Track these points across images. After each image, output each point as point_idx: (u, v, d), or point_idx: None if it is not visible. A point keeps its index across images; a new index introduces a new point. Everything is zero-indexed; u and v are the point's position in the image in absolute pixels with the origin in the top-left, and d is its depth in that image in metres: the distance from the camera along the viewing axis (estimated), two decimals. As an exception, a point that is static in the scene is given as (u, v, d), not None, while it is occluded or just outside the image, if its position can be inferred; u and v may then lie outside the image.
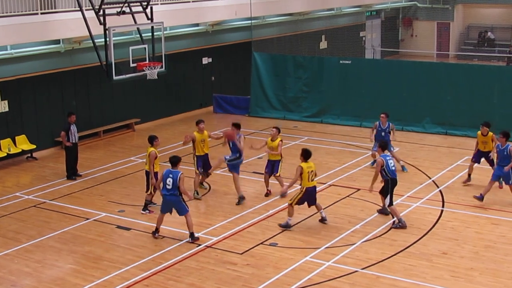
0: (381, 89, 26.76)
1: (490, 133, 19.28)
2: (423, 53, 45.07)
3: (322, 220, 16.61)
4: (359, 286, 13.42)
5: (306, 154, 16.20)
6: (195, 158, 18.66)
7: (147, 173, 17.46)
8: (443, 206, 17.78)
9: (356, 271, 14.05)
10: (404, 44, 48.07)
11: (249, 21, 30.34)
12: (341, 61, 28.17)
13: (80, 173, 20.98)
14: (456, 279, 13.66)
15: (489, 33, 46.14)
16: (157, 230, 16.02)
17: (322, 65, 28.35)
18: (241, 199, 18.13)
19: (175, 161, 15.68)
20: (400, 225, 16.21)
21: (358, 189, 19.04)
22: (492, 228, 16.34)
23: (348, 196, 18.62)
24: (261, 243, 15.46)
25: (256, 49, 29.91)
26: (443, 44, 47.38)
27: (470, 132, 24.58)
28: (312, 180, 16.15)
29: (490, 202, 17.97)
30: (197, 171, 18.66)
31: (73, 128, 20.67)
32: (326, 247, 15.23)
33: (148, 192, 17.58)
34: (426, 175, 20.06)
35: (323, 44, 38.26)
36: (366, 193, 18.61)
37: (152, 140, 17.50)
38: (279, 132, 18.65)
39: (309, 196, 16.21)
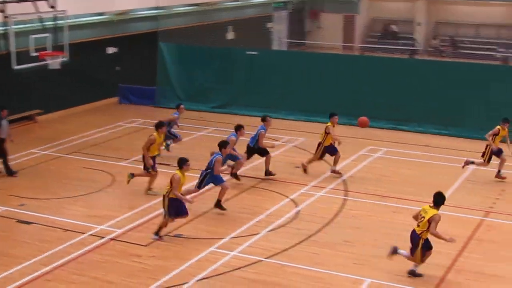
0: (288, 80, 27.03)
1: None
2: (330, 45, 45.79)
3: None
4: (264, 275, 13.53)
5: None
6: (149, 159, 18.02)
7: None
8: (346, 195, 18.13)
9: (261, 260, 14.16)
10: (311, 36, 48.67)
11: (156, 11, 30.06)
12: (248, 52, 28.28)
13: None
14: (358, 266, 13.97)
15: (393, 26, 47.29)
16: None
17: (229, 56, 28.38)
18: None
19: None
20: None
21: (263, 179, 19.13)
22: (393, 216, 16.80)
23: (252, 186, 18.71)
24: (166, 235, 15.34)
25: (162, 40, 29.66)
26: (349, 36, 48.20)
27: (373, 123, 25.12)
28: None
29: (390, 191, 18.47)
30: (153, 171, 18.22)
31: (3, 122, 19.55)
32: (231, 237, 15.27)
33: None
34: (330, 165, 20.38)
35: (231, 35, 38.29)
36: (271, 183, 18.78)
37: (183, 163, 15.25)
38: None
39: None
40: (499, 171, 19.53)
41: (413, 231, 13.38)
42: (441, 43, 45.90)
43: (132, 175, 18.13)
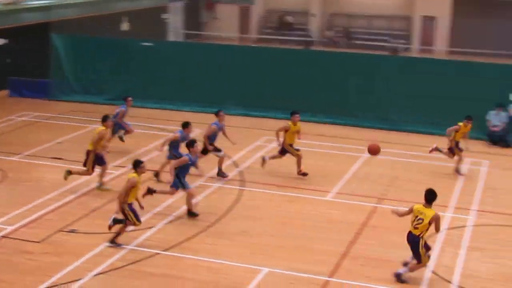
0: (184, 72, 26.96)
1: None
2: (226, 36, 45.88)
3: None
4: (163, 268, 13.45)
5: None
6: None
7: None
8: (243, 186, 18.24)
9: (158, 253, 14.07)
10: (207, 27, 48.63)
11: (48, 1, 29.26)
12: (143, 44, 28.00)
13: None
14: (255, 255, 14.10)
15: (288, 17, 47.86)
16: None
17: (124, 47, 28.04)
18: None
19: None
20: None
21: (158, 172, 18.81)
22: (289, 205, 17.04)
23: (149, 179, 18.44)
24: (60, 230, 15.02)
25: (55, 31, 28.91)
26: (245, 27, 48.46)
27: (269, 114, 25.40)
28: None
29: (286, 181, 18.73)
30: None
31: None
32: (128, 231, 15.07)
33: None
34: (227, 156, 20.43)
35: (126, 26, 37.74)
36: (167, 175, 18.64)
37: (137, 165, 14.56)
38: None
39: None
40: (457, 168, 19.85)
41: (410, 234, 12.95)
42: (336, 34, 46.82)
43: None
